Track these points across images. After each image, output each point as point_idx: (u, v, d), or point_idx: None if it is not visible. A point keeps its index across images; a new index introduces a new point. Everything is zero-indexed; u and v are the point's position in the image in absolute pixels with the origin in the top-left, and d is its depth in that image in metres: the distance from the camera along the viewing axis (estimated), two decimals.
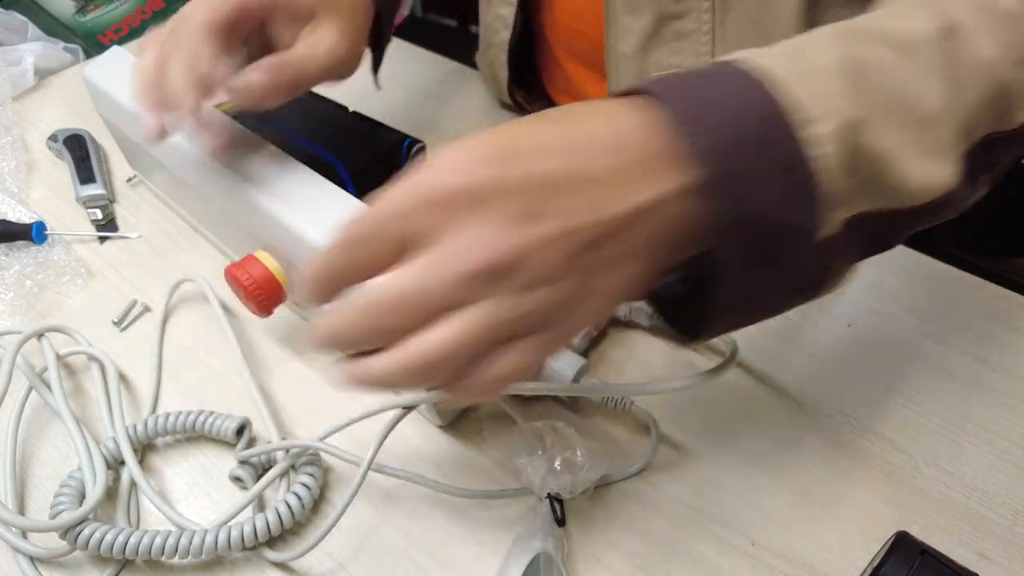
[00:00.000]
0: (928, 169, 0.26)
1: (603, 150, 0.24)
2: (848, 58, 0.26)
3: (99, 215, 0.55)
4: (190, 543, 0.34)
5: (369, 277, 0.25)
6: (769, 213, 0.24)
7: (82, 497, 0.36)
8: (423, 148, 0.51)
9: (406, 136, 0.50)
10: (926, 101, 0.26)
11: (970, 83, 0.28)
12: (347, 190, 0.39)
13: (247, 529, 0.35)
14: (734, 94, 0.24)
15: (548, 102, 0.65)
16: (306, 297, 0.27)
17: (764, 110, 0.24)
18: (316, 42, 0.38)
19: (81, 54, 0.77)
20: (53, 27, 0.84)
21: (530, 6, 0.53)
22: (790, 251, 0.25)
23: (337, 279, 0.26)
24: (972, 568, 0.31)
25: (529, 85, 0.62)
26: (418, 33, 0.55)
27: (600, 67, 0.55)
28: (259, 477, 0.38)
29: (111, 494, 0.38)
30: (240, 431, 0.39)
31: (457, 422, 0.42)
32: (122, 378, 0.44)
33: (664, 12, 0.46)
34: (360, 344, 0.26)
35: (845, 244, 0.26)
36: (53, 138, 0.61)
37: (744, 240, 0.24)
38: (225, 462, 0.40)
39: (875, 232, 0.27)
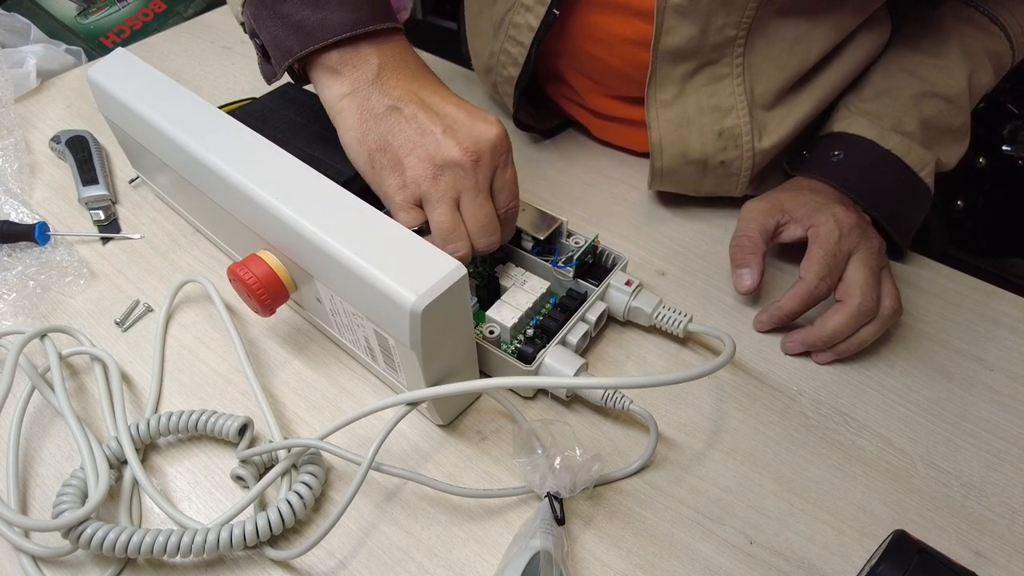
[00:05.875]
0: (956, 152, 0.52)
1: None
2: (924, 119, 0.50)
3: (101, 216, 0.55)
4: (192, 542, 0.34)
5: None
6: (913, 220, 0.51)
7: (84, 496, 0.37)
8: None
9: None
10: (959, 122, 0.52)
11: (975, 100, 0.52)
12: (348, 190, 0.39)
13: (249, 528, 0.35)
14: (885, 174, 0.49)
15: (552, 119, 0.65)
16: None
17: (903, 174, 0.49)
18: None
19: (83, 56, 0.77)
20: (55, 29, 0.85)
21: (541, 43, 0.54)
22: (921, 214, 0.51)
23: None
24: (969, 567, 0.31)
25: (528, 91, 0.62)
26: (418, 35, 0.55)
27: (602, 80, 0.57)
28: (261, 476, 0.39)
29: (113, 493, 0.38)
30: (242, 430, 0.40)
31: (457, 422, 0.42)
32: (124, 378, 0.45)
33: (704, 60, 0.49)
34: None
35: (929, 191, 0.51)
36: (56, 139, 0.61)
37: (901, 225, 0.50)
38: (227, 461, 0.41)
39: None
